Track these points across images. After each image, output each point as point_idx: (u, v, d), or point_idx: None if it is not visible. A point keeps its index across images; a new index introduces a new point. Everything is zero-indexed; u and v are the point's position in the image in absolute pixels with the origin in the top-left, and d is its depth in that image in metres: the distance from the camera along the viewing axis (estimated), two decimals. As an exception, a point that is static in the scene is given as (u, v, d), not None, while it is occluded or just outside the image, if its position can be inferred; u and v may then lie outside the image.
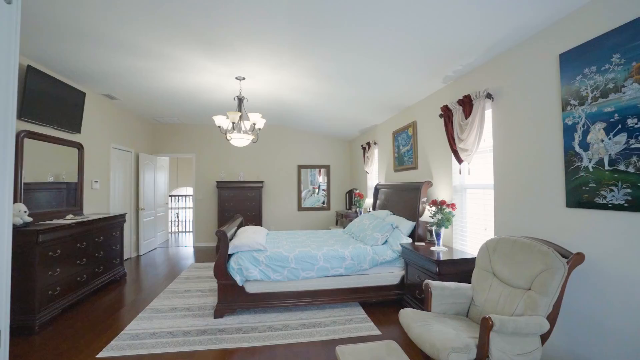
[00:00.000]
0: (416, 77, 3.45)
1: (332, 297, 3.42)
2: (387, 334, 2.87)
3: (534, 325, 1.76)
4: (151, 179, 6.70)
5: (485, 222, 3.03)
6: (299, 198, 7.54)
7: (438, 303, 2.24)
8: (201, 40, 2.97)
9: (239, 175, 7.27)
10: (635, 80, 1.70)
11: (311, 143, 7.66)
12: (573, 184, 2.07)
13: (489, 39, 2.52)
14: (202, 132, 7.26)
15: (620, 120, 1.78)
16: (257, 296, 3.30)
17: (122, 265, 4.60)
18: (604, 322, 1.89)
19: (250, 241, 3.42)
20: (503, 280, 2.16)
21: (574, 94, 2.05)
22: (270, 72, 3.77)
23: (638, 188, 1.70)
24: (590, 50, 1.95)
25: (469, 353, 1.70)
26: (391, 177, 5.15)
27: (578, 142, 2.04)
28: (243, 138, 4.15)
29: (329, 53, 3.07)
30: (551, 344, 2.22)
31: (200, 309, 3.42)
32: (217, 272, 3.24)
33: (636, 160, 1.70)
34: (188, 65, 3.63)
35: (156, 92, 4.71)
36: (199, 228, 7.21)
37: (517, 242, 2.16)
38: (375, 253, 3.52)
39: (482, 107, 2.80)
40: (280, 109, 5.60)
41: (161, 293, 3.92)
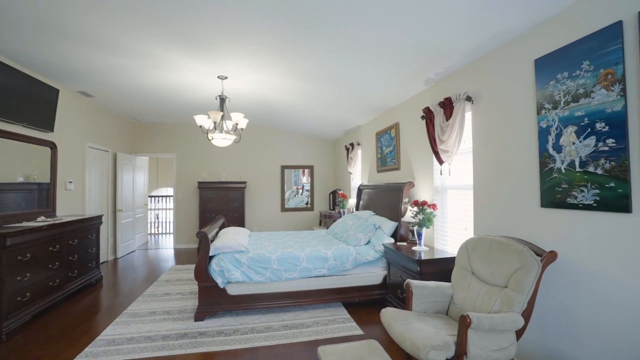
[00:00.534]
0: (399, 78, 3.50)
1: (315, 297, 3.41)
2: (370, 334, 2.89)
3: (510, 322, 1.81)
4: (129, 179, 6.51)
5: (465, 222, 3.10)
6: (283, 199, 7.51)
7: (419, 302, 2.28)
8: (182, 39, 2.91)
9: (221, 175, 7.16)
10: (602, 86, 1.78)
11: (295, 143, 7.64)
12: (547, 184, 2.14)
13: (468, 43, 2.58)
14: (183, 131, 7.11)
15: (590, 124, 1.86)
16: (239, 298, 3.26)
17: (98, 269, 4.44)
18: (575, 317, 1.97)
19: (232, 242, 3.37)
20: (481, 278, 2.22)
21: (548, 98, 2.13)
22: (253, 72, 3.73)
23: (605, 189, 1.77)
24: (562, 57, 2.03)
25: (447, 350, 1.73)
26: (374, 177, 5.20)
27: (552, 144, 2.11)
28: (225, 138, 4.08)
29: (312, 53, 3.06)
30: (525, 339, 2.29)
31: (180, 312, 3.35)
32: (198, 274, 3.17)
33: (604, 162, 1.78)
34: (169, 63, 3.54)
35: (135, 90, 4.57)
36: (180, 229, 7.06)
37: (494, 241, 2.22)
38: (358, 253, 3.55)
39: (462, 110, 2.87)
40: (263, 109, 5.55)
41: (139, 297, 3.80)
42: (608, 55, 1.75)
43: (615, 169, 1.72)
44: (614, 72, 1.73)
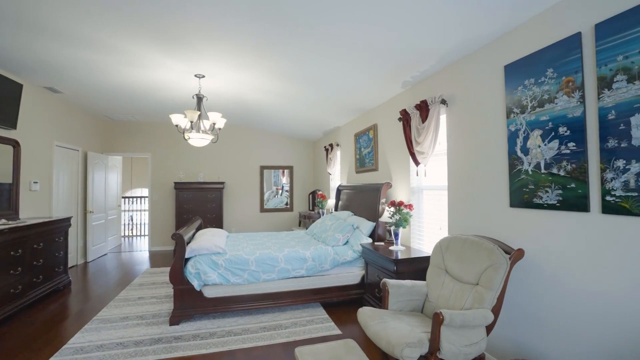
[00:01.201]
0: (377, 80, 3.55)
1: (293, 298, 3.41)
2: (348, 333, 2.91)
3: (480, 318, 1.88)
4: (101, 179, 6.25)
5: (440, 222, 3.19)
6: (262, 199, 7.44)
7: (395, 301, 2.32)
8: (158, 36, 2.83)
9: (198, 176, 7.01)
10: (564, 93, 1.88)
11: (274, 144, 7.60)
12: (516, 185, 2.24)
13: (442, 47, 2.66)
14: (159, 130, 6.91)
15: (554, 128, 1.96)
16: (216, 301, 3.20)
17: (66, 274, 4.24)
18: (540, 312, 2.07)
19: (208, 244, 3.31)
20: (454, 276, 2.29)
21: (517, 102, 2.23)
22: (231, 71, 3.69)
23: (567, 190, 1.88)
24: (529, 64, 2.13)
25: (421, 347, 1.77)
26: (353, 178, 5.25)
27: (520, 147, 2.21)
28: (202, 138, 4.01)
29: (291, 53, 3.06)
30: (495, 333, 2.38)
31: (154, 316, 3.25)
32: (173, 277, 3.09)
33: (566, 164, 1.88)
34: (144, 60, 3.44)
35: (108, 87, 4.41)
36: (155, 231, 6.85)
37: (467, 240, 2.30)
38: (336, 253, 3.57)
39: (438, 112, 2.95)
40: (242, 108, 5.49)
41: (111, 302, 3.66)
42: (569, 63, 1.85)
43: (576, 170, 1.83)
44: (574, 79, 1.83)
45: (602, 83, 1.68)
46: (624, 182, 1.59)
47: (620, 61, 1.60)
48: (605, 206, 1.68)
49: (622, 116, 1.59)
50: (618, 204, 1.62)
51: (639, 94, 1.53)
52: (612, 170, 1.64)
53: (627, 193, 1.58)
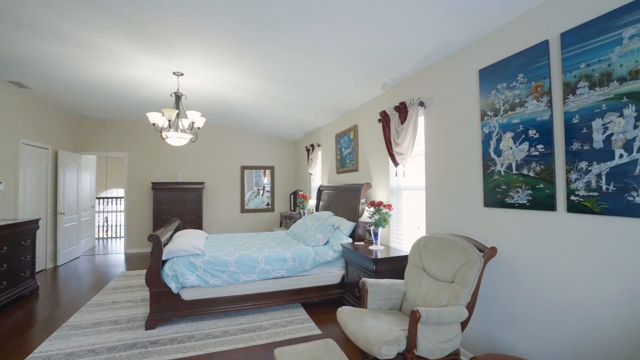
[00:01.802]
0: (357, 82, 3.59)
1: (274, 299, 3.39)
2: (328, 333, 2.93)
3: (455, 314, 1.94)
4: (74, 179, 6.00)
5: (418, 222, 3.25)
6: (243, 200, 7.36)
7: (373, 299, 2.35)
8: (134, 31, 2.75)
9: (177, 176, 6.85)
10: (534, 97, 1.97)
11: (255, 144, 7.53)
12: (489, 185, 2.32)
13: (421, 50, 2.71)
14: (135, 129, 6.71)
15: (524, 130, 2.04)
16: (194, 303, 3.14)
17: (33, 279, 4.03)
18: (512, 307, 2.15)
19: (186, 245, 3.24)
20: (431, 274, 2.34)
21: (490, 106, 2.31)
22: (211, 70, 3.63)
23: (536, 190, 1.96)
24: (502, 69, 2.21)
25: (399, 345, 1.81)
26: (334, 178, 5.28)
27: (493, 148, 2.29)
28: (180, 137, 3.92)
29: (271, 53, 3.05)
30: (470, 329, 2.46)
31: (129, 321, 3.15)
32: (149, 280, 3.01)
33: (535, 165, 1.97)
34: (119, 56, 3.33)
35: (80, 83, 4.23)
36: (132, 233, 6.64)
37: (443, 239, 2.36)
38: (316, 254, 3.58)
39: (416, 114, 3.01)
40: (222, 107, 5.41)
41: (83, 307, 3.52)
42: (538, 69, 1.94)
43: (544, 171, 1.91)
44: (542, 85, 1.92)
45: (567, 89, 1.77)
46: (586, 182, 1.68)
47: (583, 68, 1.69)
48: (570, 205, 1.77)
49: (584, 120, 1.68)
50: (581, 203, 1.71)
51: (599, 100, 1.62)
52: (576, 172, 1.73)
53: (589, 193, 1.67)
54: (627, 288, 1.55)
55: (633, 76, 1.49)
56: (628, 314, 1.54)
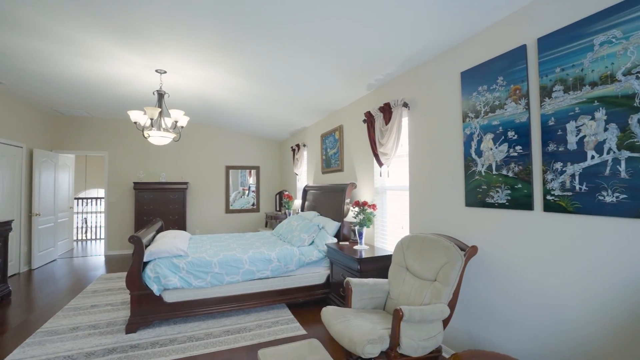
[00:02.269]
0: (343, 82, 3.60)
1: (258, 300, 3.36)
2: (313, 333, 2.93)
3: (437, 312, 1.97)
4: (50, 179, 5.79)
5: (402, 221, 3.29)
6: (227, 200, 7.27)
7: (358, 299, 2.37)
8: (114, 27, 2.67)
9: (160, 176, 6.71)
10: (513, 99, 2.03)
11: (241, 143, 7.45)
12: (470, 185, 2.37)
13: (404, 52, 2.75)
14: (116, 127, 6.53)
15: (504, 132, 2.10)
16: (176, 305, 3.08)
17: (5, 283, 3.86)
18: (491, 304, 2.21)
19: (169, 247, 3.18)
20: (414, 273, 2.38)
21: (471, 107, 2.36)
22: (195, 68, 3.57)
23: (515, 190, 2.02)
24: (483, 72, 2.26)
25: (382, 343, 1.82)
26: (319, 178, 5.29)
27: (474, 149, 2.34)
28: (163, 136, 3.84)
29: (256, 53, 3.02)
30: (452, 326, 2.51)
31: (109, 325, 3.06)
32: (130, 282, 2.94)
33: (514, 166, 2.02)
34: (99, 52, 3.23)
35: (57, 79, 4.09)
36: (112, 234, 6.46)
37: (426, 238, 2.40)
38: (301, 254, 3.57)
39: (400, 115, 3.04)
40: (206, 106, 5.33)
41: (59, 312, 3.40)
42: (516, 73, 2.00)
43: (522, 172, 1.97)
44: (521, 88, 1.98)
45: (544, 92, 1.83)
46: (561, 182, 1.74)
47: (558, 73, 1.75)
48: (546, 205, 1.83)
49: (560, 123, 1.75)
50: (556, 202, 1.77)
51: (572, 104, 1.68)
52: (551, 172, 1.79)
53: (564, 193, 1.73)
54: (597, 284, 1.61)
55: (603, 81, 1.55)
56: (598, 309, 1.61)
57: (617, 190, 1.51)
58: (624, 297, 1.51)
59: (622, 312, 1.52)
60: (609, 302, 1.57)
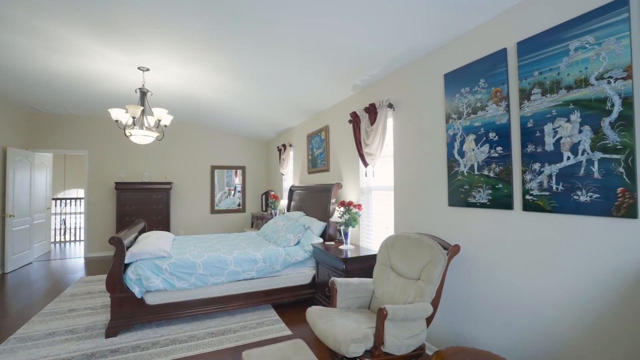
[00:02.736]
0: (328, 83, 3.61)
1: (243, 301, 3.33)
2: (298, 334, 2.92)
3: (421, 311, 2.00)
4: (25, 179, 5.57)
5: (387, 221, 3.32)
6: (213, 200, 7.17)
7: (343, 298, 2.38)
8: (94, 22, 2.59)
9: (143, 175, 6.56)
10: (494, 101, 2.08)
11: (226, 143, 7.37)
12: (453, 185, 2.42)
13: (388, 54, 2.78)
14: (97, 125, 6.34)
15: (485, 133, 2.15)
16: (159, 308, 3.02)
17: (-22, 286, 3.71)
18: (473, 301, 2.26)
19: (151, 248, 3.11)
20: (399, 272, 2.40)
21: (454, 109, 2.40)
22: (178, 66, 3.50)
23: (496, 189, 2.07)
24: (465, 74, 2.31)
25: (366, 342, 1.84)
26: (305, 179, 5.28)
27: (457, 150, 2.38)
28: (146, 135, 3.75)
29: (241, 53, 2.99)
30: (435, 324, 2.55)
31: (88, 329, 2.97)
32: (110, 285, 2.86)
33: (494, 166, 2.07)
34: (79, 48, 3.13)
35: (32, 74, 3.94)
36: (93, 236, 6.28)
37: (410, 238, 2.43)
38: (287, 254, 3.56)
39: (385, 116, 3.07)
40: (191, 105, 5.24)
41: (34, 317, 3.27)
42: (497, 76, 2.05)
43: (503, 172, 2.02)
44: (501, 90, 2.03)
45: (523, 95, 1.88)
46: (539, 182, 1.80)
47: (536, 76, 1.80)
48: (525, 204, 1.88)
49: (538, 124, 1.80)
50: (535, 202, 1.82)
51: (550, 106, 1.74)
52: (530, 172, 1.85)
53: (542, 192, 1.78)
54: (573, 280, 1.67)
55: (578, 85, 1.61)
56: (574, 303, 1.66)
57: (590, 190, 1.57)
58: (597, 292, 1.57)
59: (595, 306, 1.58)
60: (583, 297, 1.63)
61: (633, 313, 1.45)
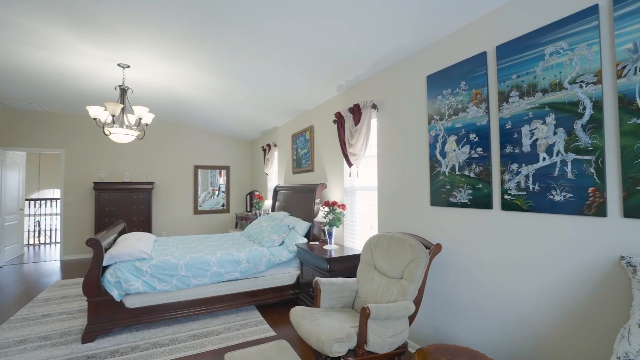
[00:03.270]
0: (313, 83, 3.61)
1: (227, 302, 3.29)
2: (282, 335, 2.90)
3: (403, 309, 2.02)
4: (-3, 178, 5.33)
5: (371, 221, 3.35)
6: (196, 200, 7.05)
7: (327, 298, 2.38)
8: (71, 16, 2.51)
9: (123, 175, 6.39)
10: (474, 103, 2.13)
11: (210, 143, 7.26)
12: (435, 185, 2.46)
13: (372, 55, 2.80)
14: (75, 123, 6.13)
15: (466, 134, 2.19)
16: (139, 311, 2.94)
17: (-56, 292, 3.52)
18: (454, 299, 2.30)
19: (131, 249, 3.03)
20: (382, 272, 2.42)
21: (436, 110, 2.44)
22: (160, 63, 3.43)
23: (476, 189, 2.12)
24: (447, 76, 2.35)
25: (350, 342, 1.84)
26: (290, 179, 5.26)
27: (439, 150, 2.43)
28: (126, 134, 3.65)
29: (222, 51, 2.96)
30: (417, 322, 2.59)
31: (63, 335, 2.87)
32: (87, 288, 2.76)
33: (475, 167, 2.12)
34: (53, 42, 3.02)
35: (5, 69, 3.77)
36: (70, 238, 6.06)
37: (393, 237, 2.45)
38: (271, 254, 3.54)
39: (369, 116, 3.10)
40: (173, 103, 5.14)
41: (4, 323, 3.13)
42: (477, 78, 2.10)
43: (482, 172, 2.07)
44: (481, 92, 2.08)
45: (502, 97, 1.93)
46: (517, 182, 1.85)
47: (514, 79, 1.86)
48: (504, 204, 1.93)
49: (516, 126, 1.85)
50: (512, 201, 1.88)
51: (527, 109, 1.79)
52: (508, 173, 1.90)
53: (519, 192, 1.84)
54: (548, 276, 1.73)
55: (553, 88, 1.67)
56: (549, 299, 1.72)
57: (564, 190, 1.63)
58: (569, 287, 1.63)
59: (567, 300, 1.64)
60: (557, 292, 1.69)
61: (602, 306, 1.51)
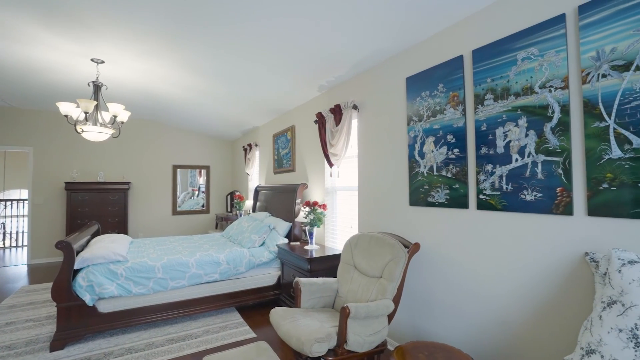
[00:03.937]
0: (294, 83, 3.60)
1: (206, 305, 3.22)
2: (263, 336, 2.87)
3: (383, 308, 2.04)
4: (-43, 178, 5.00)
5: (351, 221, 3.37)
6: (175, 201, 6.88)
7: (307, 298, 2.37)
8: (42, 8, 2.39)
9: (97, 175, 6.14)
10: (451, 105, 2.18)
11: (189, 142, 7.10)
12: (414, 186, 2.50)
13: (354, 56, 2.82)
14: (44, 120, 5.84)
15: (443, 135, 2.25)
16: (114, 315, 2.84)
17: None
18: (432, 298, 2.35)
19: (105, 252, 2.92)
20: (362, 271, 2.44)
21: (415, 111, 2.49)
22: (136, 59, 3.32)
23: (453, 190, 2.17)
24: (426, 78, 2.40)
25: (330, 341, 1.85)
26: (271, 179, 5.23)
27: (418, 151, 2.47)
28: (99, 132, 3.51)
29: (200, 49, 2.90)
30: (396, 320, 2.63)
31: (29, 343, 2.73)
32: (57, 293, 2.64)
33: (452, 167, 2.18)
34: (19, 33, 2.86)
35: (-36, 63, 3.55)
36: (38, 240, 5.76)
37: (373, 237, 2.48)
38: (252, 255, 3.50)
39: (350, 117, 3.12)
40: (150, 101, 5.00)
41: (-34, 330, 2.95)
42: (455, 81, 2.15)
43: (459, 173, 2.13)
44: (458, 95, 2.13)
45: (477, 100, 1.99)
46: (491, 183, 1.91)
47: (489, 83, 1.92)
48: (479, 203, 1.99)
49: (490, 128, 1.91)
50: (487, 201, 1.94)
51: (501, 111, 1.86)
52: (483, 173, 1.96)
53: (493, 192, 1.90)
54: (520, 273, 1.80)
55: (525, 92, 1.74)
56: (521, 294, 1.79)
57: (535, 190, 1.70)
58: (540, 283, 1.70)
59: (538, 295, 1.71)
60: (528, 288, 1.76)
61: (569, 301, 1.58)
